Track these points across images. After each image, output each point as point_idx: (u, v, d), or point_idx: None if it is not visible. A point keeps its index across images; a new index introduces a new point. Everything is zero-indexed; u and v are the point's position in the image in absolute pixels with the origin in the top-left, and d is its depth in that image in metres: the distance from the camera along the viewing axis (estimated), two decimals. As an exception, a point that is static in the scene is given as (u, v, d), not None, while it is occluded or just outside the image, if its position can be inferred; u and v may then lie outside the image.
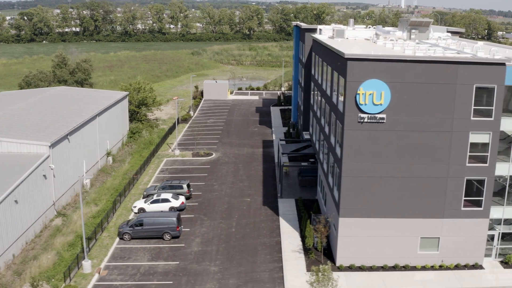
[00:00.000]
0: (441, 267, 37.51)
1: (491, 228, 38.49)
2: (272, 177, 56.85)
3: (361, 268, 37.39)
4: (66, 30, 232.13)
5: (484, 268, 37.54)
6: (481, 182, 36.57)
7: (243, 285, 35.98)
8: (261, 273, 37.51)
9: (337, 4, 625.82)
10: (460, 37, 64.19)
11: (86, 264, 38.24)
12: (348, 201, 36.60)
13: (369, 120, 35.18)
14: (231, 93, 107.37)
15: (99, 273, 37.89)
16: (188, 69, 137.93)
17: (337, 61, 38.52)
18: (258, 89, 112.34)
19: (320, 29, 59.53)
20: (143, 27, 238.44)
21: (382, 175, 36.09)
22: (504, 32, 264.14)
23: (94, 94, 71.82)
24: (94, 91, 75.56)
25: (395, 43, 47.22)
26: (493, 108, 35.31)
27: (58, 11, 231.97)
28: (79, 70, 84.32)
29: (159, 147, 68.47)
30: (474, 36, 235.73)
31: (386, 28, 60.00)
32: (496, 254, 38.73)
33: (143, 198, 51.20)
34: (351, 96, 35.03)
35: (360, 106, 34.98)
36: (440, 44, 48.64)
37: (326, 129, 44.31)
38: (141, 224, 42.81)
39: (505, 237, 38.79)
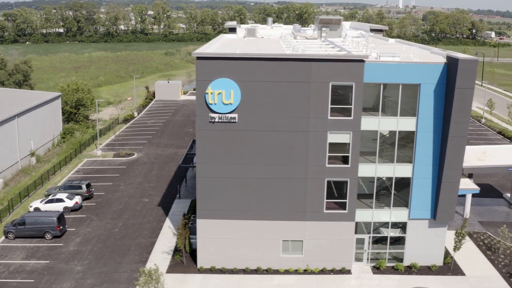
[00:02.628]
0: (305, 271, 36.29)
1: (375, 229, 37.26)
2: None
3: (222, 271, 36.30)
4: (49, 31, 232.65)
5: (351, 273, 36.28)
6: (344, 184, 35.40)
7: (98, 285, 35.31)
8: (121, 273, 36.76)
9: (335, 4, 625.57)
10: (383, 35, 62.63)
11: (-41, 262, 37.97)
12: (205, 202, 35.47)
13: (220, 120, 34.06)
14: (186, 93, 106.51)
15: (-28, 271, 37.50)
16: (156, 70, 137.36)
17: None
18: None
19: (235, 28, 58.49)
20: (125, 28, 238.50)
21: (238, 176, 34.93)
22: (493, 32, 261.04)
23: (25, 95, 71.29)
24: (26, 92, 75.22)
25: (285, 41, 46.20)
26: (352, 106, 34.11)
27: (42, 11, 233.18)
28: (17, 71, 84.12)
29: (87, 147, 67.97)
30: (458, 36, 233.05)
31: (298, 26, 58.86)
32: (368, 259, 37.33)
33: (45, 197, 50.82)
34: (201, 96, 33.91)
35: (210, 106, 33.85)
36: (342, 41, 47.41)
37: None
38: (23, 223, 42.48)
39: (381, 241, 37.55)
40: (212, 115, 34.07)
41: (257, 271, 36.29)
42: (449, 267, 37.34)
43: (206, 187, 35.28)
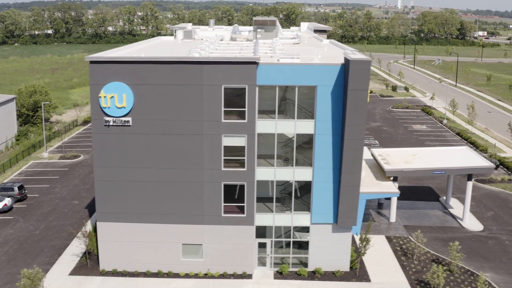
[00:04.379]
0: (206, 276, 36.01)
1: (286, 233, 36.74)
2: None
3: (123, 274, 36.04)
4: (38, 32, 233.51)
5: (252, 278, 35.88)
6: (242, 188, 35.01)
7: (1, 286, 35.43)
8: (27, 275, 36.84)
9: (334, 5, 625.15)
10: (328, 36, 62.12)
11: None
12: (104, 205, 35.32)
13: (114, 124, 33.84)
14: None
15: None
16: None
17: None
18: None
19: (175, 30, 58.29)
20: (113, 29, 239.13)
21: (136, 179, 34.68)
22: (480, 32, 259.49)
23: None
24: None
25: (209, 44, 45.87)
26: (246, 109, 33.74)
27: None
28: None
29: (37, 149, 68.06)
30: (447, 36, 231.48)
31: (242, 28, 58.55)
32: (271, 264, 36.88)
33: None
34: (95, 100, 33.72)
35: (104, 110, 33.67)
36: (270, 44, 46.99)
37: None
38: None
39: (287, 246, 36.94)
40: (107, 118, 33.87)
41: (158, 274, 36.06)
42: (355, 273, 36.89)
43: (105, 190, 35.07)
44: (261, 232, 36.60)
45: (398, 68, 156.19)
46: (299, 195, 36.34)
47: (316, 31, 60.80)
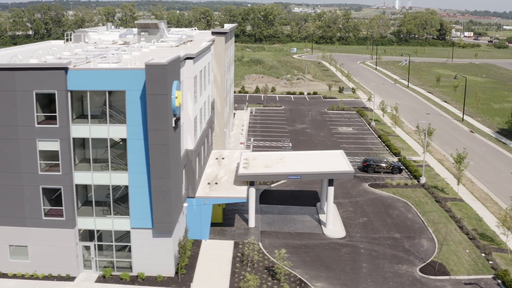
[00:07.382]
0: (32, 276, 36.84)
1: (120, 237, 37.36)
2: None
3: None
4: (18, 33, 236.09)
5: (73, 281, 36.57)
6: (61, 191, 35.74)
7: None
8: None
9: (333, 5, 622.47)
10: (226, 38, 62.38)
11: None
12: None
13: None
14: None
15: None
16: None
17: None
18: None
19: (70, 34, 59.17)
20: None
21: (-42, 182, 35.77)
22: (471, 33, 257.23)
23: None
24: None
25: (82, 47, 46.74)
26: (57, 114, 34.48)
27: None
28: None
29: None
30: (427, 37, 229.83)
31: (134, 30, 59.14)
32: (96, 267, 37.59)
33: None
34: None
35: None
36: (140, 46, 47.43)
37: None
38: None
39: (116, 250, 37.50)
40: None
41: (-12, 275, 37.16)
42: (178, 279, 37.03)
43: None
44: (92, 235, 37.38)
45: (361, 69, 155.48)
46: (122, 200, 36.98)
47: (213, 33, 61.21)
